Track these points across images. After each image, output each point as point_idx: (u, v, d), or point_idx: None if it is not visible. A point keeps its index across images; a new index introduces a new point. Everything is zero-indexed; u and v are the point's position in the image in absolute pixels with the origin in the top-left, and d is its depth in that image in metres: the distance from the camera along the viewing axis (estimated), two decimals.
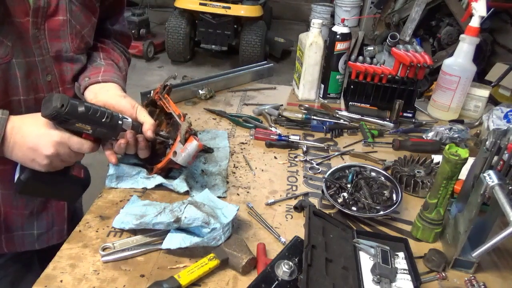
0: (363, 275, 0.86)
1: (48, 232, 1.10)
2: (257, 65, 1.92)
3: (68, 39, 0.96)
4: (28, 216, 1.05)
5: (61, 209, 1.10)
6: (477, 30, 1.49)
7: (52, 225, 1.10)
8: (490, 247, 0.81)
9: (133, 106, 0.99)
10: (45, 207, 1.07)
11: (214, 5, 4.94)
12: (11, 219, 1.03)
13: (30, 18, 0.87)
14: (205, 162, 1.24)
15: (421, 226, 1.00)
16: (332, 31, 1.62)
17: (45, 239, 1.11)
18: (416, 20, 3.83)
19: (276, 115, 1.53)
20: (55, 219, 1.10)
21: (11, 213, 1.03)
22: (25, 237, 1.07)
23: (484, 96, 1.65)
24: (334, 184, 1.15)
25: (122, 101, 0.99)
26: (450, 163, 0.90)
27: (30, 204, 1.04)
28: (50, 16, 0.91)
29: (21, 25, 0.87)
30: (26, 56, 0.89)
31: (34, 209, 1.05)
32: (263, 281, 0.81)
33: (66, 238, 1.09)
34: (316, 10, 6.03)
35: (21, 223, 1.05)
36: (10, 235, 1.05)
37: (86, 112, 0.86)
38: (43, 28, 0.91)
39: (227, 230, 0.92)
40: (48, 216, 1.08)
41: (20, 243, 1.08)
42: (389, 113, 1.56)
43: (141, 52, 5.26)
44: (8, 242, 1.06)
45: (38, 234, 1.09)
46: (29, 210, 1.05)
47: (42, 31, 0.90)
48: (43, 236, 1.10)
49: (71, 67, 1.00)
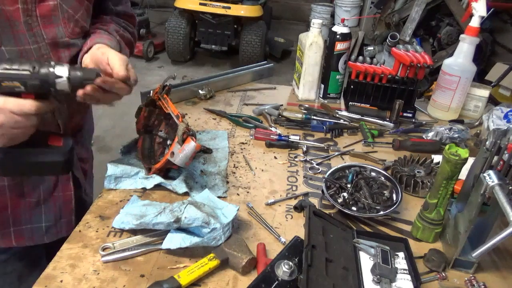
0: (363, 275, 0.86)
1: (57, 225, 1.10)
2: (257, 65, 1.93)
3: (61, 24, 0.94)
4: (35, 207, 1.05)
5: (68, 200, 1.10)
6: (477, 30, 1.49)
7: (60, 217, 1.10)
8: (490, 247, 0.81)
9: (103, 53, 0.91)
10: (51, 195, 1.07)
11: (214, 5, 4.94)
12: (19, 211, 1.04)
13: (20, 5, 0.86)
14: (204, 162, 1.24)
15: (421, 226, 1.00)
16: (332, 31, 1.62)
17: (54, 231, 1.11)
18: (416, 20, 3.83)
19: (276, 115, 1.53)
20: (62, 210, 1.10)
21: (18, 204, 1.03)
22: (34, 230, 1.08)
23: (484, 96, 1.65)
24: (334, 184, 1.15)
25: (95, 52, 0.92)
26: (450, 163, 0.90)
27: (36, 190, 1.04)
28: (40, 2, 0.89)
29: (11, 13, 0.86)
30: (19, 44, 0.88)
31: (41, 196, 1.05)
32: (263, 281, 0.81)
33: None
34: (316, 10, 6.03)
35: (29, 216, 1.05)
36: (19, 229, 1.06)
37: (6, 68, 0.78)
38: (35, 15, 0.89)
39: (227, 230, 0.92)
40: (55, 207, 1.08)
41: (29, 237, 1.08)
42: (389, 113, 1.56)
43: (141, 52, 5.26)
44: (17, 235, 1.06)
45: (46, 227, 1.09)
46: (35, 198, 1.04)
47: (34, 18, 0.89)
48: (52, 229, 1.10)
49: (68, 53, 0.98)
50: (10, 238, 1.05)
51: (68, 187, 1.09)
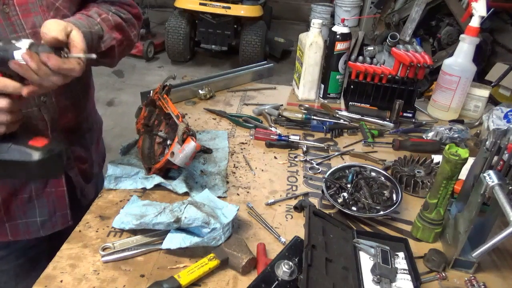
0: (363, 275, 0.86)
1: (52, 219, 1.10)
2: (257, 65, 1.92)
3: (39, 12, 0.89)
4: (28, 202, 1.04)
5: (62, 195, 1.08)
6: (477, 30, 1.49)
7: (54, 211, 1.09)
8: (490, 247, 0.81)
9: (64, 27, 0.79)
10: (44, 191, 1.05)
11: (214, 5, 4.94)
12: (12, 207, 1.03)
13: None
14: (204, 162, 1.24)
15: (421, 226, 1.00)
16: (332, 31, 1.62)
17: (50, 225, 1.10)
18: (416, 20, 3.83)
19: (276, 115, 1.53)
20: (56, 205, 1.09)
21: (11, 200, 1.02)
22: (29, 224, 1.07)
23: (484, 96, 1.65)
24: (334, 184, 1.15)
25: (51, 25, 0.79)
26: (450, 163, 0.90)
27: (27, 187, 1.02)
28: None
29: None
30: None
31: (32, 192, 1.04)
32: (263, 281, 0.81)
33: (71, 223, 1.08)
34: (316, 10, 6.03)
35: (23, 211, 1.05)
36: (15, 223, 1.05)
37: None
38: (12, 3, 0.86)
39: (227, 230, 0.92)
40: (49, 202, 1.07)
41: (25, 231, 1.07)
42: (389, 113, 1.56)
43: (141, 52, 5.26)
44: (13, 229, 1.06)
45: (41, 221, 1.08)
46: (27, 194, 1.03)
47: (12, 7, 0.86)
48: (47, 222, 1.09)
49: None
50: (5, 233, 1.05)
51: (60, 183, 1.07)
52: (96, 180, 1.27)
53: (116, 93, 4.55)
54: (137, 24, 1.13)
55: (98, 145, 1.29)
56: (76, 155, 1.14)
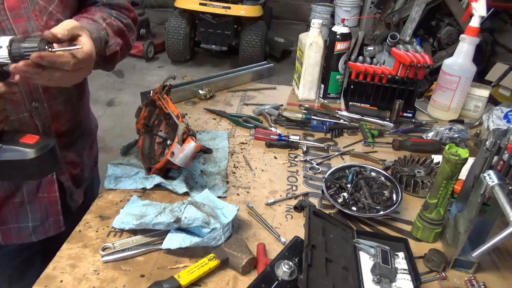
0: (363, 275, 0.86)
1: (44, 224, 1.08)
2: (257, 65, 1.92)
3: (32, 17, 0.88)
4: (20, 207, 1.04)
5: (54, 201, 1.07)
6: (477, 30, 1.49)
7: (46, 217, 1.08)
8: (490, 247, 0.81)
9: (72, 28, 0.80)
10: (36, 196, 1.04)
11: (214, 5, 4.95)
12: (4, 211, 1.02)
13: None
14: (204, 162, 1.24)
15: (421, 226, 1.00)
16: (332, 31, 1.62)
17: (42, 231, 1.09)
18: (416, 20, 3.83)
19: (276, 115, 1.53)
20: (49, 210, 1.08)
21: (2, 204, 1.01)
22: (21, 229, 1.06)
23: (484, 96, 1.65)
24: (334, 184, 1.15)
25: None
26: (450, 163, 0.90)
27: (19, 191, 1.01)
28: None
29: None
30: None
31: (24, 197, 1.03)
32: (263, 281, 0.81)
33: (63, 229, 1.06)
34: (316, 10, 6.03)
35: (15, 215, 1.04)
36: (7, 228, 1.05)
37: None
38: (3, 8, 0.85)
39: (227, 230, 0.92)
40: (41, 208, 1.06)
41: (16, 236, 1.07)
42: (389, 113, 1.56)
43: (141, 52, 5.26)
44: (4, 234, 1.05)
45: (33, 226, 1.07)
46: (19, 199, 1.02)
47: (2, 12, 0.85)
48: (39, 228, 1.08)
49: None
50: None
51: (52, 188, 1.05)
52: (86, 184, 1.24)
53: (116, 93, 4.55)
54: (134, 28, 1.14)
55: (91, 149, 1.27)
56: (68, 160, 1.11)
